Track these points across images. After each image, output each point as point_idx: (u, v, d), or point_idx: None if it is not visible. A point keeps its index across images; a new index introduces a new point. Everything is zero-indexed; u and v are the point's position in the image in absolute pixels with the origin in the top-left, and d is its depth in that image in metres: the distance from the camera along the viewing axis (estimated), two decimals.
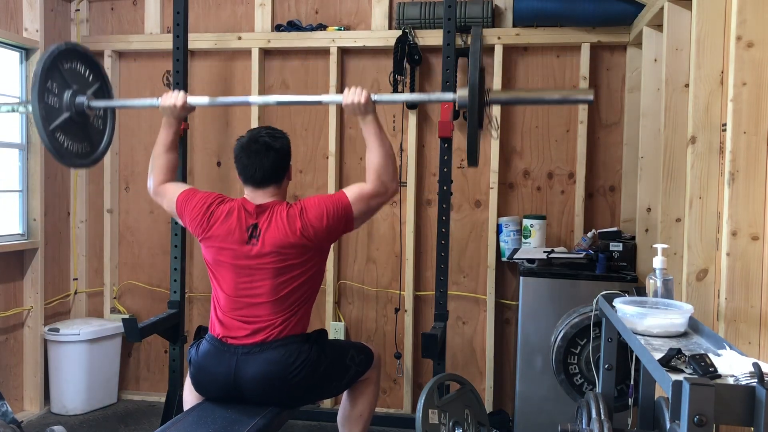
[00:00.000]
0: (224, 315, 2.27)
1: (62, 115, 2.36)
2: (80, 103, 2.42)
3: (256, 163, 2.29)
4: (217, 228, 2.27)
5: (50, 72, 2.32)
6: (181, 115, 2.46)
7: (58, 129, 2.35)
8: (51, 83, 2.32)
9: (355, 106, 2.26)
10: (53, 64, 2.33)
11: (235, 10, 3.69)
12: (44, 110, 2.26)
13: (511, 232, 3.35)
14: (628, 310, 1.70)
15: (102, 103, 2.50)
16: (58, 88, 2.36)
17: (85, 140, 2.50)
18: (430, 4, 3.39)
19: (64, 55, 2.41)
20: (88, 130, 2.51)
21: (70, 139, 2.41)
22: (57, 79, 2.35)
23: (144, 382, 3.86)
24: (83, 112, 2.44)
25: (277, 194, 2.35)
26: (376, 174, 2.28)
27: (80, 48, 2.53)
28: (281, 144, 2.35)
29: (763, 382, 1.18)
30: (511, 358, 3.47)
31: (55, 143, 2.32)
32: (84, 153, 2.50)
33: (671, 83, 2.50)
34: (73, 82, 2.43)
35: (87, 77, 2.53)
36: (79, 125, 2.45)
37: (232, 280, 2.26)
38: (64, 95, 2.38)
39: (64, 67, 2.40)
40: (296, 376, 2.21)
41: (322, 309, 3.59)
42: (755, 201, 1.85)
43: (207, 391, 2.31)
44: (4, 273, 3.36)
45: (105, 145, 2.61)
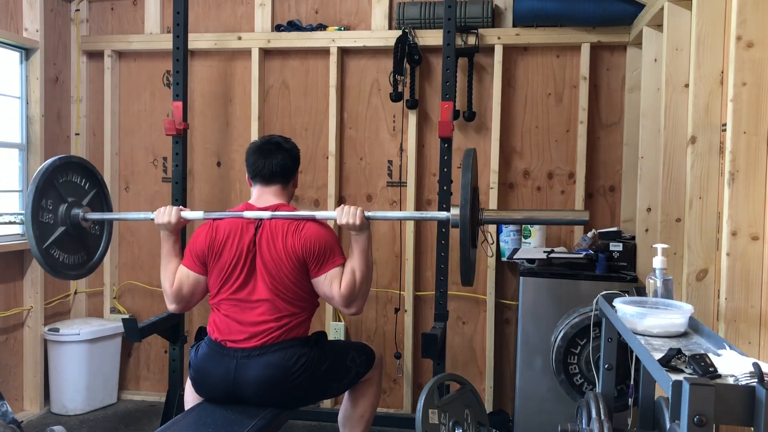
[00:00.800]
0: (223, 319, 2.27)
1: (57, 231, 2.36)
2: (75, 215, 2.41)
3: (267, 159, 2.37)
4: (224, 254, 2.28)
5: (44, 190, 2.31)
6: (177, 229, 2.41)
7: (53, 245, 2.34)
8: (45, 201, 2.31)
9: (350, 226, 2.27)
10: (48, 181, 2.32)
11: (235, 10, 3.69)
12: (38, 230, 2.26)
13: (511, 232, 3.35)
14: (628, 310, 1.70)
15: (97, 215, 2.49)
16: (53, 203, 2.35)
17: (81, 250, 2.50)
18: (430, 4, 3.39)
19: (59, 169, 2.40)
20: (84, 239, 2.51)
21: (65, 252, 2.41)
22: (52, 196, 2.34)
23: (144, 382, 3.86)
24: (79, 225, 2.43)
25: (282, 195, 2.39)
26: (348, 291, 2.26)
27: (75, 159, 2.53)
28: (292, 147, 2.45)
29: (763, 382, 1.18)
30: (511, 358, 3.47)
31: (49, 260, 2.31)
32: (79, 263, 2.49)
33: (671, 83, 2.50)
34: (69, 195, 2.42)
35: (83, 186, 2.53)
36: (75, 237, 2.45)
37: (230, 288, 2.27)
38: (59, 210, 2.37)
39: (59, 181, 2.39)
40: (296, 379, 2.21)
41: (322, 309, 3.59)
42: (755, 201, 1.85)
43: (207, 393, 2.31)
44: (4, 273, 3.36)
45: (102, 252, 2.60)
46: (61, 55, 3.72)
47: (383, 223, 3.57)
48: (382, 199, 3.59)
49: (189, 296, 2.38)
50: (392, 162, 3.56)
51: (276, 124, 3.64)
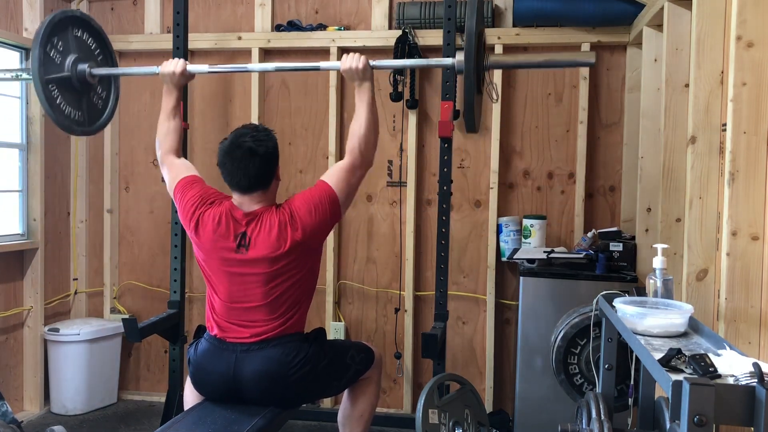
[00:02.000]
0: (220, 319, 2.27)
1: (61, 73, 2.34)
2: (82, 69, 2.40)
3: (241, 169, 2.20)
4: (204, 233, 2.25)
5: (58, 28, 2.29)
6: (180, 83, 2.49)
7: (54, 83, 2.31)
8: (57, 40, 2.29)
9: (353, 71, 2.30)
10: (63, 23, 2.31)
11: (235, 10, 3.69)
12: (43, 57, 2.23)
13: (511, 232, 3.35)
14: (628, 310, 1.70)
15: (103, 70, 2.50)
16: (63, 47, 2.33)
17: (81, 109, 2.47)
18: (430, 4, 3.39)
19: (77, 21, 2.40)
20: (87, 102, 2.50)
21: (65, 99, 2.38)
22: (63, 40, 2.32)
23: (144, 382, 3.86)
24: (84, 80, 2.42)
25: (265, 199, 2.27)
26: (356, 143, 2.31)
27: (95, 24, 2.53)
28: (266, 148, 2.24)
29: (763, 382, 1.18)
30: (511, 358, 3.47)
31: (48, 94, 2.28)
32: (77, 120, 2.46)
33: (671, 83, 2.50)
34: (80, 50, 2.41)
35: (95, 53, 2.52)
36: (78, 92, 2.43)
37: (225, 287, 2.26)
38: (67, 57, 2.36)
39: (74, 32, 2.38)
40: (295, 373, 2.20)
41: (322, 309, 3.59)
42: (755, 201, 1.85)
43: (207, 389, 2.31)
44: (4, 273, 3.36)
45: (101, 123, 2.59)
46: None
47: (383, 222, 3.57)
48: (382, 198, 3.59)
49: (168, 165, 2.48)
50: (392, 162, 3.56)
51: (276, 124, 3.64)
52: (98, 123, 2.59)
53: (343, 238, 3.63)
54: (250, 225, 2.22)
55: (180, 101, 2.54)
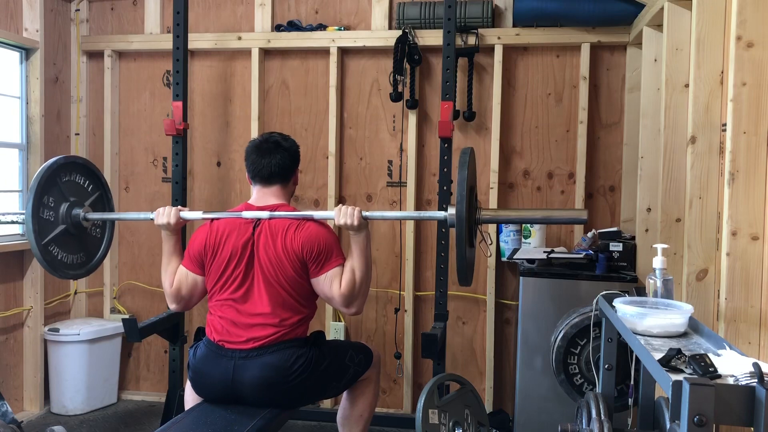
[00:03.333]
0: (220, 321, 2.27)
1: (57, 228, 2.36)
2: (76, 215, 2.41)
3: (266, 159, 2.36)
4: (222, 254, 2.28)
5: (47, 187, 2.31)
6: (176, 230, 2.42)
7: (52, 242, 2.34)
8: (47, 198, 2.31)
9: (348, 226, 2.27)
10: (51, 179, 2.33)
11: (235, 10, 3.69)
12: (38, 225, 2.25)
13: (511, 232, 3.35)
14: (628, 310, 1.70)
15: (97, 215, 2.50)
16: (55, 201, 2.35)
17: (81, 251, 2.49)
18: (430, 4, 3.39)
19: (63, 168, 2.41)
20: (85, 241, 2.51)
21: (64, 251, 2.40)
22: (54, 194, 2.34)
23: (144, 382, 3.86)
24: (80, 224, 2.43)
25: (282, 195, 2.39)
26: (348, 290, 2.26)
27: (80, 160, 2.54)
28: (291, 144, 2.43)
29: (763, 382, 1.18)
30: (511, 358, 3.47)
31: (47, 256, 2.30)
32: (78, 264, 2.48)
33: (671, 83, 2.50)
34: (71, 194, 2.42)
35: (86, 188, 2.53)
36: (75, 237, 2.45)
37: (227, 289, 2.27)
38: (60, 208, 2.37)
39: (62, 180, 2.40)
40: (295, 379, 2.21)
41: (322, 309, 3.59)
42: (755, 201, 1.85)
43: (206, 393, 2.31)
44: (4, 273, 3.36)
45: (101, 255, 2.60)
46: (61, 55, 3.72)
47: (383, 223, 3.57)
48: (382, 199, 3.59)
49: (188, 296, 2.39)
50: (392, 162, 3.56)
51: (276, 124, 3.64)
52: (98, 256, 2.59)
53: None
54: (258, 227, 2.27)
55: (179, 245, 2.45)
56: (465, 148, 2.27)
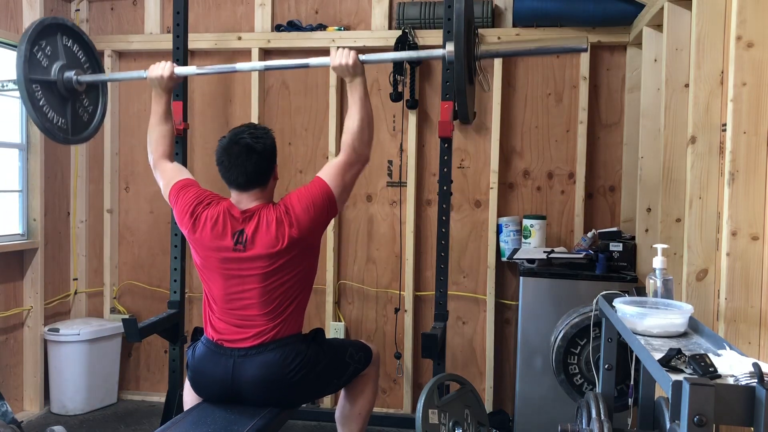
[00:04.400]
0: (218, 319, 2.27)
1: (47, 76, 2.31)
2: (69, 77, 2.37)
3: (239, 166, 2.20)
4: (202, 233, 2.24)
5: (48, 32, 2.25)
6: (168, 86, 2.46)
7: (38, 84, 2.27)
8: (45, 44, 2.25)
9: (343, 67, 2.27)
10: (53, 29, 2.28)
11: (235, 10, 3.69)
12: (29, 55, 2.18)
13: (511, 232, 3.35)
14: (628, 310, 1.70)
15: (90, 77, 2.46)
16: (51, 53, 2.30)
17: (65, 116, 2.42)
18: (430, 4, 3.39)
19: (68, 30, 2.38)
20: (71, 110, 2.46)
21: (48, 102, 2.33)
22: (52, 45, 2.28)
23: (144, 382, 3.86)
24: (71, 88, 2.39)
25: (262, 197, 2.27)
26: (350, 139, 2.29)
27: (86, 37, 2.51)
28: (263, 145, 2.24)
29: (763, 382, 1.18)
30: (511, 358, 3.47)
31: (30, 91, 2.23)
32: (60, 126, 2.41)
33: (671, 83, 2.50)
34: (69, 59, 2.38)
35: (84, 65, 2.49)
36: (63, 98, 2.39)
37: (222, 286, 2.25)
38: (54, 62, 2.33)
39: (64, 41, 2.35)
40: (294, 376, 2.20)
41: (322, 309, 3.59)
42: (755, 201, 1.85)
43: (206, 393, 2.30)
44: (4, 273, 3.36)
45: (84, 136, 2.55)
46: None
47: (383, 222, 3.57)
48: (382, 198, 3.58)
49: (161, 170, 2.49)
50: (392, 162, 3.56)
51: (276, 124, 3.64)
52: (82, 135, 2.54)
53: (343, 238, 3.63)
54: (247, 223, 2.22)
55: (170, 105, 2.51)
56: None
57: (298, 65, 2.33)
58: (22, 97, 2.24)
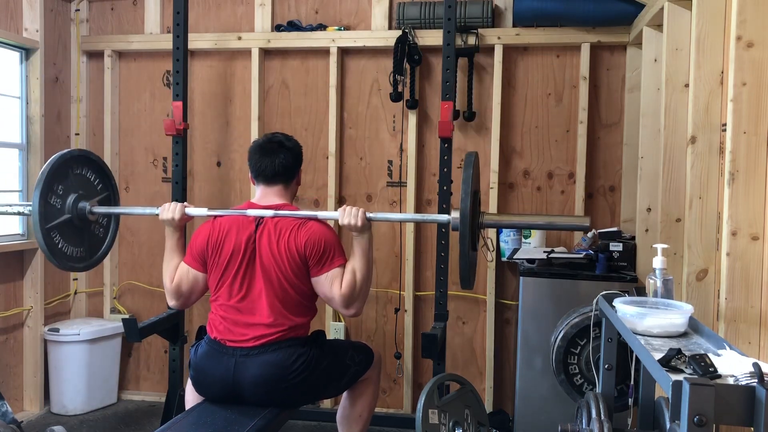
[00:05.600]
0: (222, 320, 2.28)
1: (62, 217, 2.36)
2: (83, 208, 2.42)
3: (268, 159, 2.36)
4: (223, 252, 2.29)
5: (58, 174, 2.33)
6: (180, 225, 2.44)
7: (55, 229, 2.34)
8: (57, 185, 2.33)
9: (351, 227, 2.28)
10: (63, 168, 2.35)
11: (235, 10, 3.69)
12: (44, 208, 2.26)
13: (511, 232, 3.35)
14: (628, 310, 1.70)
15: (103, 209, 2.51)
16: (64, 190, 2.37)
17: (82, 245, 2.49)
18: (430, 4, 3.39)
19: (77, 160, 2.44)
20: (88, 236, 2.51)
21: (66, 241, 2.39)
22: (64, 183, 2.36)
23: (144, 382, 3.86)
24: (85, 218, 2.44)
25: (285, 195, 2.40)
26: (349, 291, 2.26)
27: (94, 156, 2.56)
28: (294, 145, 2.44)
29: (763, 382, 1.18)
30: (511, 358, 3.47)
31: (49, 242, 2.29)
32: (78, 257, 2.47)
33: (671, 83, 2.50)
34: (80, 188, 2.44)
35: (95, 185, 2.55)
36: (79, 229, 2.45)
37: (228, 288, 2.27)
38: (68, 198, 2.39)
39: (74, 171, 2.42)
40: (296, 377, 2.21)
41: (322, 309, 3.59)
42: (755, 201, 1.85)
43: (207, 392, 2.31)
44: (4, 273, 3.36)
45: (102, 253, 2.60)
46: (61, 55, 3.72)
47: (383, 223, 3.56)
48: (382, 199, 3.59)
49: (188, 293, 2.39)
50: (392, 162, 3.56)
51: (276, 124, 3.64)
52: (99, 253, 2.58)
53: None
54: (260, 227, 2.27)
55: (182, 241, 2.47)
56: (469, 153, 2.27)
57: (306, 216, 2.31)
58: (42, 249, 2.29)
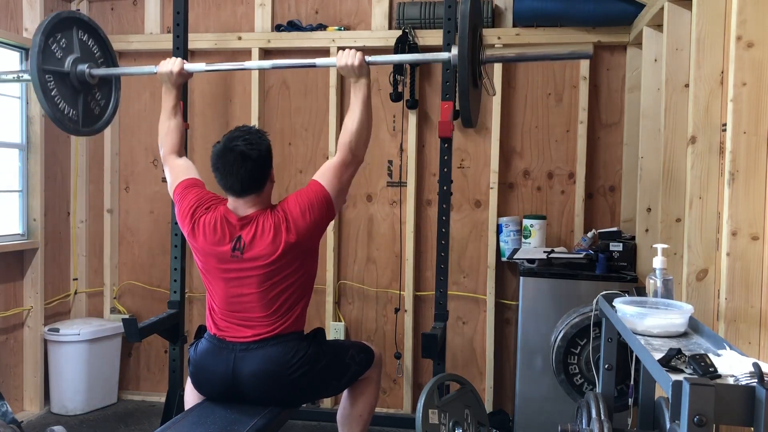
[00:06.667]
0: (220, 319, 2.28)
1: (60, 67, 2.35)
2: (82, 69, 2.42)
3: (233, 174, 2.18)
4: (200, 238, 2.25)
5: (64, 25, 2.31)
6: (178, 82, 2.50)
7: (51, 75, 2.31)
8: (60, 37, 2.31)
9: (349, 68, 2.28)
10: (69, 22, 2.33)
11: (235, 10, 3.69)
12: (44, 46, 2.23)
13: (511, 232, 3.35)
14: (628, 310, 1.70)
15: (102, 71, 2.51)
16: (66, 45, 2.35)
17: (76, 108, 2.46)
18: (430, 4, 3.39)
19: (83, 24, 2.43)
20: (83, 104, 2.49)
21: (61, 94, 2.36)
22: (67, 38, 2.35)
23: (144, 382, 3.86)
24: (83, 81, 2.43)
25: (259, 202, 2.26)
26: (348, 139, 2.29)
27: (101, 32, 2.56)
28: (258, 151, 2.20)
29: (763, 382, 1.18)
30: (511, 358, 3.47)
31: (43, 82, 2.27)
32: (70, 117, 2.44)
33: (671, 83, 2.50)
34: (83, 52, 2.43)
35: (98, 59, 2.54)
36: (75, 91, 2.43)
37: (222, 289, 2.26)
38: (69, 55, 2.38)
39: (79, 34, 2.40)
40: (295, 372, 2.20)
41: (322, 309, 3.59)
42: (755, 201, 1.85)
43: (206, 389, 2.31)
44: (4, 273, 3.36)
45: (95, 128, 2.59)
46: None
47: (383, 222, 3.57)
48: (382, 198, 3.58)
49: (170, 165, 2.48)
50: (392, 162, 3.56)
51: (276, 124, 3.64)
52: (93, 127, 2.58)
53: (343, 238, 3.63)
54: (244, 229, 2.22)
55: (179, 100, 2.56)
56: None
57: (306, 65, 2.42)
58: (35, 85, 2.28)
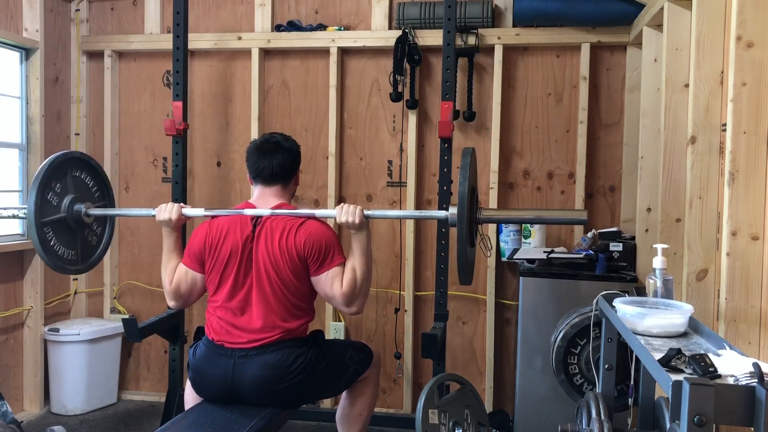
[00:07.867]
0: (219, 321, 2.27)
1: (57, 214, 2.35)
2: (78, 210, 2.41)
3: (266, 160, 2.36)
4: (221, 252, 2.29)
5: (57, 172, 2.33)
6: (177, 226, 2.43)
7: (49, 225, 2.32)
8: (55, 183, 2.33)
9: (349, 225, 2.28)
10: (63, 167, 2.35)
11: (235, 10, 3.69)
12: (41, 202, 2.25)
13: (511, 232, 3.35)
14: (628, 310, 1.70)
15: (99, 211, 2.50)
16: (61, 189, 2.37)
17: (74, 248, 2.47)
18: (430, 4, 3.39)
19: (77, 162, 2.45)
20: (81, 240, 2.50)
21: (59, 240, 2.38)
22: (62, 182, 2.36)
23: (144, 382, 3.86)
24: (80, 220, 2.43)
25: (283, 195, 2.40)
26: (349, 289, 2.27)
27: (94, 162, 2.55)
28: (292, 145, 2.44)
29: (763, 382, 1.18)
30: (511, 358, 3.47)
31: (42, 237, 2.28)
32: (70, 259, 2.44)
33: (671, 83, 2.50)
34: (78, 190, 2.44)
35: (93, 191, 2.55)
36: (72, 231, 2.44)
37: (227, 289, 2.27)
38: (64, 198, 2.38)
39: (73, 173, 2.42)
40: (294, 378, 2.21)
41: (322, 309, 3.59)
42: (755, 201, 1.85)
43: (206, 393, 2.31)
44: (4, 273, 3.36)
45: (93, 260, 2.58)
46: (61, 55, 3.72)
47: (383, 223, 3.56)
48: (382, 199, 3.58)
49: (187, 294, 2.39)
50: (392, 162, 3.56)
51: (276, 124, 3.64)
52: (91, 260, 2.56)
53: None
54: (258, 227, 2.28)
55: (180, 242, 2.47)
56: (466, 148, 2.26)
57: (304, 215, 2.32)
58: (34, 242, 2.27)
